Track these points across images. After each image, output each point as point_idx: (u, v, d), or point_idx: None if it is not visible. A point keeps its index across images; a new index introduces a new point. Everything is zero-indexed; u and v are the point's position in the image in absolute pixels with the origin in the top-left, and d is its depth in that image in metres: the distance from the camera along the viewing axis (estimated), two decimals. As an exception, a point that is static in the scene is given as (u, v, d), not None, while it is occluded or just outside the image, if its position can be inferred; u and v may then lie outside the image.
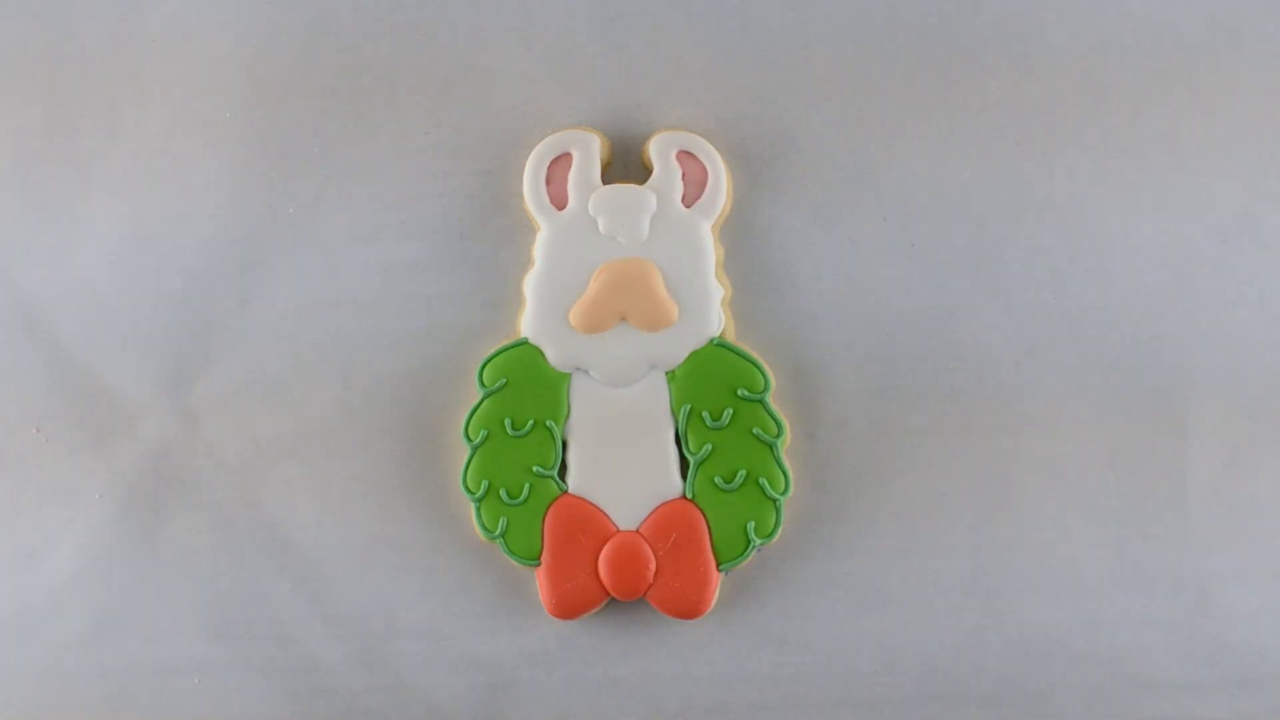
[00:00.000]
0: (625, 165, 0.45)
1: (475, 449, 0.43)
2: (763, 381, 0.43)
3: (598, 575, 0.43)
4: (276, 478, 0.44)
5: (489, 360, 0.43)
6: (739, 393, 0.43)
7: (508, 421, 0.43)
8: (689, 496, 0.43)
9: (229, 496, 0.44)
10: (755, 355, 0.43)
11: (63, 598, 0.44)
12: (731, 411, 0.43)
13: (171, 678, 0.44)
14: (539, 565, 0.43)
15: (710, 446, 0.43)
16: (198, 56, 0.45)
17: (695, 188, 0.44)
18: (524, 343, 0.43)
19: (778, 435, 0.43)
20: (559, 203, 0.43)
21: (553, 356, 0.43)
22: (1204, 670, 0.44)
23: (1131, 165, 0.45)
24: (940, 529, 0.44)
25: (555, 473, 0.43)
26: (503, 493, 0.43)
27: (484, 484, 0.43)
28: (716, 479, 0.43)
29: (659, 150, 0.43)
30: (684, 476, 0.43)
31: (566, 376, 0.43)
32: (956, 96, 0.45)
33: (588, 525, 0.43)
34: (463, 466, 0.43)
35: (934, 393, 0.44)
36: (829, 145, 0.45)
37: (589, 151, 0.43)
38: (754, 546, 0.43)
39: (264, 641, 0.44)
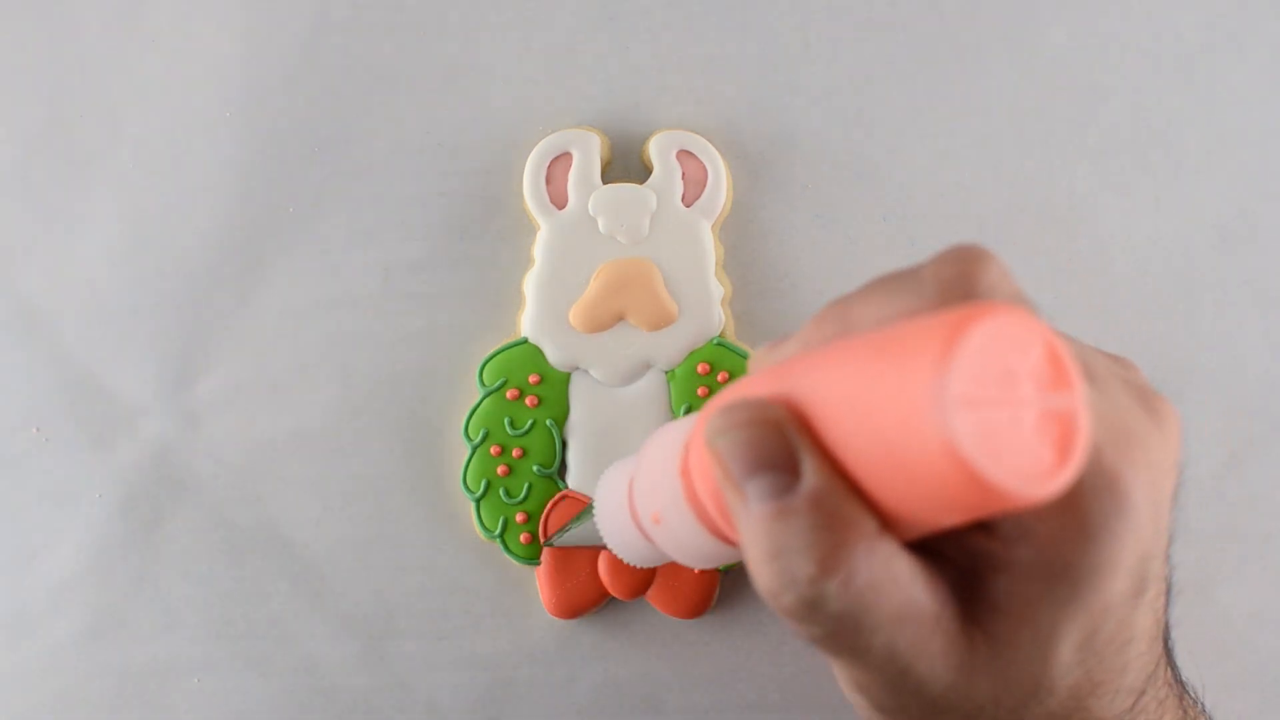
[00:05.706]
0: (625, 165, 0.45)
1: (475, 448, 0.43)
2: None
3: (598, 575, 0.43)
4: (276, 478, 0.44)
5: (489, 360, 0.43)
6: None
7: (507, 421, 0.43)
8: (689, 496, 0.43)
9: (229, 496, 0.44)
10: (755, 355, 0.43)
11: (63, 598, 0.44)
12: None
13: (171, 678, 0.44)
14: (539, 565, 0.43)
15: (710, 446, 0.43)
16: (198, 56, 0.45)
17: (695, 187, 0.43)
18: (524, 342, 0.43)
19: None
20: (559, 202, 0.43)
21: (553, 356, 0.43)
22: (1204, 670, 0.44)
23: (1131, 165, 0.45)
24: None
25: (555, 472, 0.43)
26: (503, 492, 0.43)
27: (484, 483, 0.43)
28: (716, 479, 0.43)
29: (659, 150, 0.43)
30: (684, 476, 0.43)
31: (566, 376, 0.43)
32: (956, 96, 0.45)
33: (588, 525, 0.43)
34: (463, 466, 0.43)
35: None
36: (829, 145, 0.45)
37: (589, 151, 0.43)
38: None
39: (264, 641, 0.44)
